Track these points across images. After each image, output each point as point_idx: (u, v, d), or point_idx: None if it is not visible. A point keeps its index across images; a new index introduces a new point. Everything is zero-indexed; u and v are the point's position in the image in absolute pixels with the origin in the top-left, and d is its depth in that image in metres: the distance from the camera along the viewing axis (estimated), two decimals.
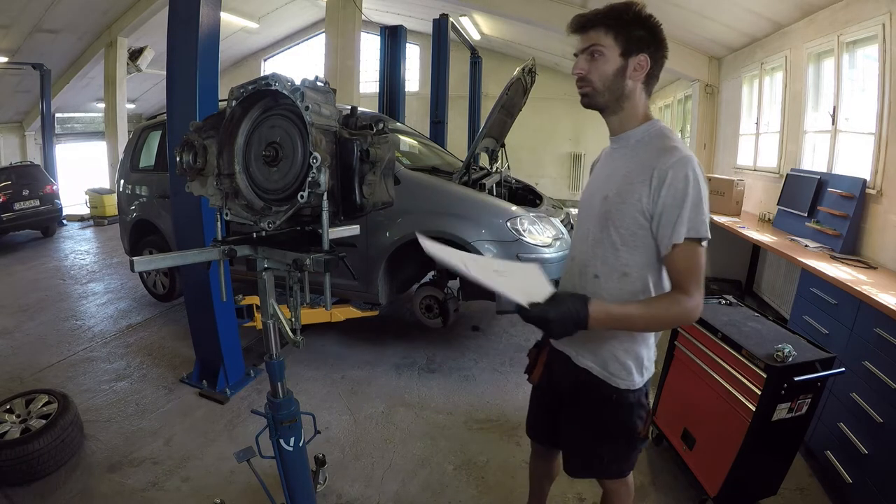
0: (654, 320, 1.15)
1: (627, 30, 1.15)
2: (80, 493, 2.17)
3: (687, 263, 1.11)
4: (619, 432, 1.34)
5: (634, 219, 1.16)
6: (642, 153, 1.18)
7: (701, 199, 1.09)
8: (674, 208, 1.09)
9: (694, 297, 1.11)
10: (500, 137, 4.24)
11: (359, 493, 2.20)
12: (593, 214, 1.26)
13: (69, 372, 3.27)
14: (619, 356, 1.27)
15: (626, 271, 1.20)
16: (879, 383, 1.96)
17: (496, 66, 10.41)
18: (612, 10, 1.16)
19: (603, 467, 1.41)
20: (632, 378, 1.29)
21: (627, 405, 1.31)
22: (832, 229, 3.32)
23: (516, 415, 2.83)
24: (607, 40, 1.15)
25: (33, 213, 7.23)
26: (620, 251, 1.20)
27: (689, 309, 1.11)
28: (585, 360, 1.32)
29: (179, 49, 2.72)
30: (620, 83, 1.18)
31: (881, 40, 3.08)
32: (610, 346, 1.27)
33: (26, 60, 8.27)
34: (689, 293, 1.11)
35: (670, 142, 1.15)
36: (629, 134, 1.23)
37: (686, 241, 1.09)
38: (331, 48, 7.13)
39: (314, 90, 1.26)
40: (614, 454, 1.37)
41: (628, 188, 1.16)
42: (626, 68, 1.16)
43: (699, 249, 1.11)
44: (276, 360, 1.55)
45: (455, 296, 3.62)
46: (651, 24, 1.17)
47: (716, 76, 6.21)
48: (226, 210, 1.43)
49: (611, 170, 1.26)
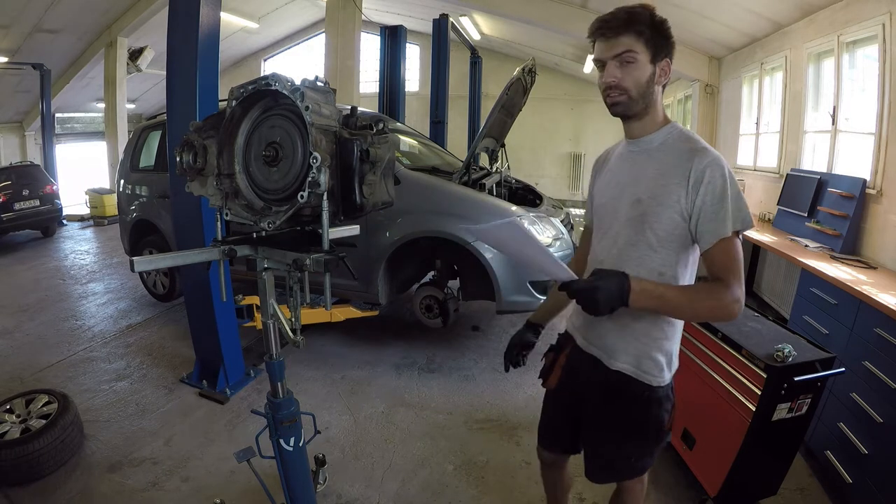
0: (692, 305, 1.13)
1: (654, 34, 1.14)
2: (80, 493, 2.17)
3: (729, 256, 1.12)
4: (648, 428, 1.33)
5: (672, 219, 1.16)
6: (672, 156, 1.18)
7: (739, 192, 1.13)
8: (717, 205, 1.11)
9: (735, 290, 1.10)
10: (500, 137, 4.24)
11: (359, 493, 2.20)
12: (621, 217, 1.25)
13: (69, 372, 3.27)
14: (652, 354, 1.27)
15: (662, 271, 1.21)
16: (879, 383, 1.96)
17: (496, 66, 10.41)
18: (641, 15, 1.14)
19: (628, 467, 1.40)
20: (663, 375, 1.30)
21: (657, 400, 1.31)
22: (832, 229, 3.32)
23: (516, 415, 2.83)
24: (639, 46, 1.13)
25: (33, 213, 7.23)
26: (658, 252, 1.20)
27: (729, 302, 1.10)
28: (618, 363, 1.30)
29: (179, 49, 2.72)
30: (651, 90, 1.18)
31: (881, 40, 3.08)
32: (643, 344, 1.27)
33: (26, 60, 8.27)
34: (731, 286, 1.10)
35: (699, 143, 1.17)
36: (651, 138, 1.23)
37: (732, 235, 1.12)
38: (331, 48, 7.14)
39: (314, 90, 1.26)
40: (641, 451, 1.36)
41: (663, 190, 1.16)
42: (656, 74, 1.17)
43: (738, 242, 1.13)
44: (276, 360, 1.55)
45: (455, 296, 3.62)
46: (667, 28, 1.17)
47: (716, 76, 6.21)
48: (226, 210, 1.43)
49: (635, 173, 1.25)
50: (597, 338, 1.35)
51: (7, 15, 7.16)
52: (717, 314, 1.14)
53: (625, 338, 1.28)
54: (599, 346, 1.34)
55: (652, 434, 1.34)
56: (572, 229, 3.83)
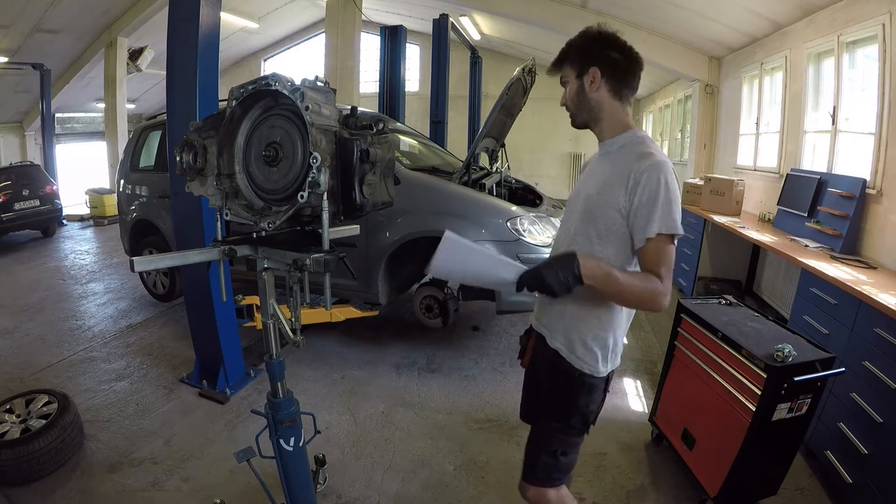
0: (631, 288, 1.21)
1: (575, 54, 1.32)
2: (80, 493, 2.17)
3: (658, 255, 1.22)
4: (573, 413, 1.40)
5: (611, 216, 1.27)
6: (622, 158, 1.29)
7: (671, 199, 1.20)
8: (648, 207, 1.20)
9: (664, 283, 1.21)
10: (500, 137, 4.24)
11: (359, 493, 2.20)
12: (576, 210, 1.38)
13: (69, 372, 3.27)
14: (587, 341, 1.35)
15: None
16: (879, 383, 1.96)
17: (496, 66, 10.42)
18: (566, 46, 1.35)
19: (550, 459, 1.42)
20: (596, 364, 1.36)
21: (587, 386, 1.38)
22: (832, 229, 3.32)
23: (516, 415, 2.79)
24: (566, 70, 1.35)
25: (33, 213, 7.24)
26: (595, 244, 1.30)
27: (659, 291, 1.20)
28: (556, 342, 1.40)
29: (179, 49, 2.71)
30: (584, 99, 1.33)
31: (881, 40, 3.08)
32: (579, 330, 1.36)
33: (26, 60, 8.27)
34: (661, 278, 1.21)
35: (647, 148, 1.26)
36: (612, 141, 1.35)
37: (658, 236, 1.20)
38: (331, 48, 7.14)
39: (314, 90, 1.26)
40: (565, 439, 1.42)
41: (608, 188, 1.28)
42: (584, 86, 1.31)
43: (670, 245, 1.22)
44: (276, 360, 1.55)
45: (455, 296, 3.62)
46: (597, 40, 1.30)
47: (716, 76, 6.21)
48: (226, 210, 1.43)
49: (596, 173, 1.38)
50: (542, 316, 1.47)
51: (7, 15, 7.16)
52: (650, 300, 1.22)
53: (562, 319, 1.38)
54: (544, 324, 1.46)
55: (576, 423, 1.40)
56: None
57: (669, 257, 1.22)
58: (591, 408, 1.41)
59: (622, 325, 1.38)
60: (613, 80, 1.30)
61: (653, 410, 2.57)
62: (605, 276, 1.19)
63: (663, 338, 2.37)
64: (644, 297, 1.21)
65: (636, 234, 1.23)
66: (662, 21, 5.58)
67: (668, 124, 8.90)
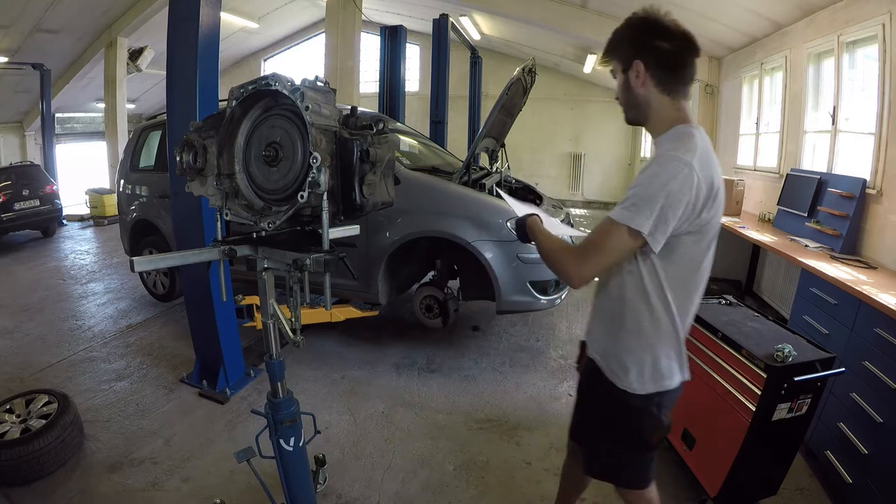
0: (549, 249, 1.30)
1: (620, 45, 1.24)
2: (80, 493, 2.17)
3: (597, 234, 1.20)
4: (620, 432, 1.34)
5: None
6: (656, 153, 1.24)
7: (649, 195, 1.11)
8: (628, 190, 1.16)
9: (580, 263, 1.19)
10: (500, 137, 4.24)
11: (359, 493, 2.20)
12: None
13: (69, 372, 3.27)
14: (619, 355, 1.31)
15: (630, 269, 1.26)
16: (879, 383, 1.96)
17: (496, 66, 10.40)
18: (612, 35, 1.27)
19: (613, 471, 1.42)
20: (629, 380, 1.28)
21: (627, 406, 1.30)
22: (832, 229, 3.32)
23: (516, 415, 2.83)
24: (614, 63, 1.27)
25: (33, 213, 7.23)
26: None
27: (569, 264, 1.21)
28: (594, 351, 1.39)
29: (179, 49, 2.72)
30: (631, 95, 1.25)
31: (881, 40, 3.08)
32: (614, 343, 1.32)
33: (26, 60, 8.26)
34: (580, 256, 1.20)
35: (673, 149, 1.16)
36: (660, 139, 1.26)
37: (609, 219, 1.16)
38: (331, 48, 7.14)
39: (314, 90, 1.26)
40: (619, 456, 1.37)
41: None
42: (629, 81, 1.23)
43: (615, 233, 1.15)
44: (276, 360, 1.55)
45: (455, 296, 3.62)
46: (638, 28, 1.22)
47: (716, 76, 6.21)
48: (226, 210, 1.43)
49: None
50: (588, 323, 1.47)
51: (7, 15, 7.15)
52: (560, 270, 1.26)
53: (601, 330, 1.38)
54: (588, 331, 1.46)
55: (626, 440, 1.35)
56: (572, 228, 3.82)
57: (602, 240, 1.17)
58: (638, 427, 1.32)
59: (665, 343, 1.27)
60: (661, 73, 1.19)
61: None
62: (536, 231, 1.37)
63: None
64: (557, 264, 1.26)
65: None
66: None
67: None
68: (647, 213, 1.11)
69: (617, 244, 1.15)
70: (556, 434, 2.62)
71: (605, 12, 6.09)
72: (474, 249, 3.18)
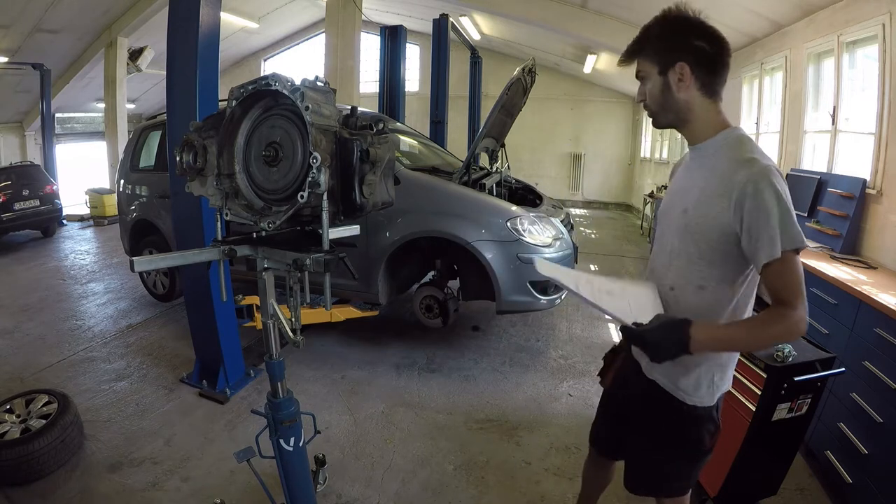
0: (758, 340, 1.12)
1: (658, 45, 1.15)
2: (80, 493, 2.17)
3: (787, 277, 1.06)
4: (685, 446, 1.30)
5: (713, 233, 1.13)
6: (719, 165, 1.14)
7: (788, 208, 1.06)
8: (764, 223, 1.04)
9: (798, 310, 1.05)
10: (500, 137, 4.24)
11: (359, 493, 2.20)
12: (672, 227, 1.24)
13: (69, 372, 3.27)
14: (691, 373, 1.24)
15: (703, 284, 1.18)
16: (879, 383, 1.96)
17: (496, 66, 10.41)
18: (643, 33, 1.18)
19: (665, 484, 1.38)
20: (699, 394, 1.25)
21: (696, 418, 1.27)
22: (832, 229, 3.32)
23: (516, 415, 2.83)
24: (646, 64, 1.18)
25: (33, 213, 7.23)
26: (697, 264, 1.17)
27: (794, 323, 1.05)
28: (654, 373, 1.30)
29: (179, 49, 2.72)
30: (670, 99, 1.16)
31: (881, 40, 3.07)
32: (683, 366, 1.22)
33: (26, 60, 8.27)
34: (794, 306, 1.05)
35: (747, 152, 1.11)
36: (706, 145, 1.19)
37: (783, 255, 1.04)
38: (331, 48, 7.14)
39: (314, 90, 1.26)
40: (677, 469, 1.34)
41: (707, 201, 1.13)
42: (669, 83, 1.15)
43: (796, 259, 1.06)
44: (276, 360, 1.55)
45: (455, 296, 3.62)
46: (679, 28, 1.14)
47: None
48: (226, 210, 1.43)
49: (689, 182, 1.23)
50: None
51: (7, 15, 7.16)
52: (786, 337, 1.12)
53: None
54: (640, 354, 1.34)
55: (688, 452, 1.31)
56: (572, 229, 3.83)
57: (798, 276, 1.06)
58: (704, 437, 1.28)
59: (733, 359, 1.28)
60: (704, 76, 1.13)
61: None
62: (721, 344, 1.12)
63: None
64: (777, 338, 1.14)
65: (755, 256, 1.07)
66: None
67: None
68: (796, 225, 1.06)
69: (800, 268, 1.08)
70: (556, 434, 2.62)
71: (605, 12, 6.09)
72: (474, 249, 3.18)
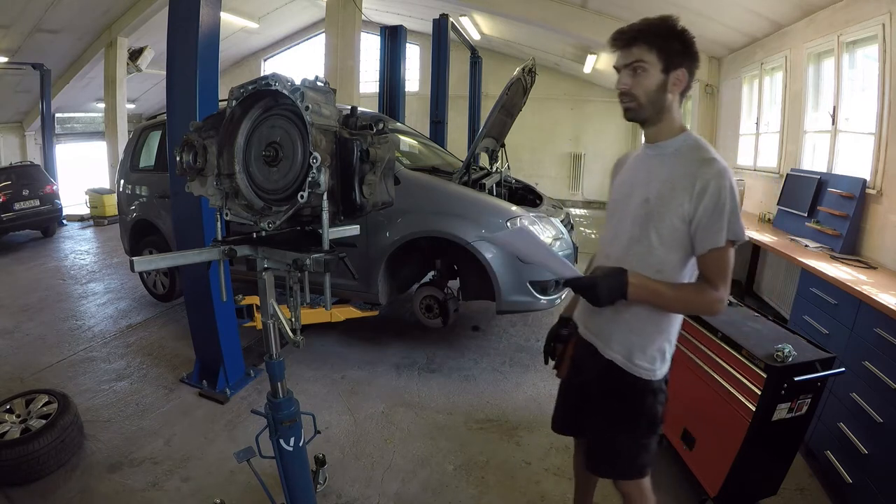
0: (681, 301, 1.27)
1: (668, 45, 1.20)
2: (80, 493, 2.17)
3: (720, 263, 1.22)
4: (639, 419, 1.39)
5: (674, 222, 1.24)
6: (682, 162, 1.25)
7: (737, 205, 1.19)
8: (715, 215, 1.18)
9: (720, 292, 1.22)
10: (500, 137, 4.24)
11: (359, 493, 2.20)
12: (631, 215, 1.33)
13: (69, 372, 3.27)
14: (646, 348, 1.35)
15: (661, 268, 1.28)
16: (879, 383, 1.96)
17: (496, 66, 10.40)
18: (654, 26, 1.21)
19: (620, 462, 1.43)
20: (653, 369, 1.36)
21: (651, 391, 1.37)
22: (832, 229, 3.32)
23: (516, 415, 2.83)
24: (650, 56, 1.20)
25: (33, 213, 7.23)
26: (658, 250, 1.27)
27: (713, 300, 1.22)
28: (611, 352, 1.38)
29: (179, 49, 2.72)
30: (662, 97, 1.24)
31: (881, 40, 3.08)
32: (638, 339, 1.35)
33: (26, 60, 8.27)
34: (717, 288, 1.22)
35: (709, 153, 1.23)
36: (667, 143, 1.29)
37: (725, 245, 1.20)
38: (331, 48, 7.13)
39: (314, 90, 1.26)
40: (635, 443, 1.41)
41: (670, 193, 1.24)
42: (667, 83, 1.22)
43: (731, 251, 1.22)
44: (276, 360, 1.55)
45: (455, 296, 3.62)
46: (687, 38, 1.22)
47: (716, 76, 6.21)
48: (226, 210, 1.43)
49: (648, 174, 1.31)
50: (594, 325, 1.44)
51: (7, 15, 7.15)
52: (704, 310, 1.30)
53: (619, 328, 1.36)
54: (596, 333, 1.43)
55: (644, 424, 1.40)
56: (572, 229, 3.83)
57: (728, 264, 1.22)
58: (658, 409, 1.39)
59: (677, 327, 1.38)
60: (686, 85, 1.25)
61: None
62: (652, 295, 1.25)
63: None
64: (696, 308, 1.28)
65: (699, 243, 1.22)
66: None
67: None
68: (740, 221, 1.20)
69: (733, 258, 1.24)
70: (557, 435, 2.62)
71: (605, 12, 6.09)
72: (474, 249, 3.18)
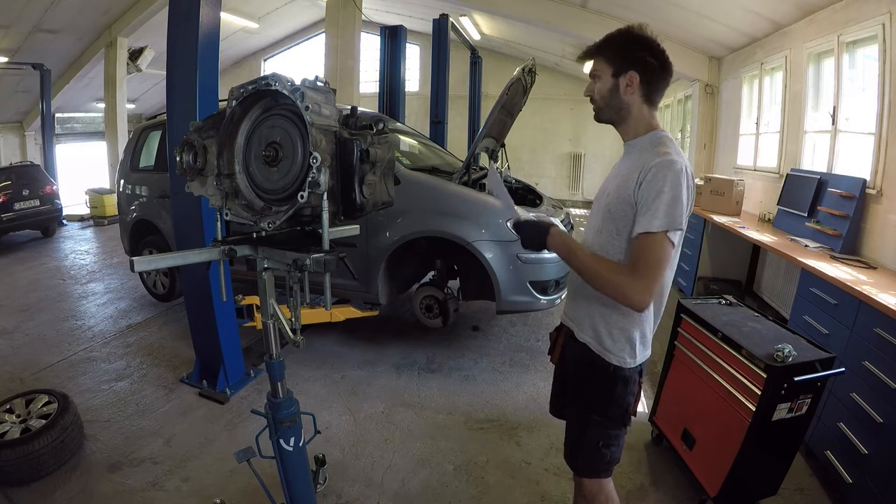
0: (591, 270, 1.29)
1: (616, 53, 1.33)
2: (80, 492, 2.17)
3: (646, 252, 1.22)
4: (609, 407, 1.41)
5: (626, 211, 1.29)
6: (641, 156, 1.31)
7: (678, 196, 1.20)
8: (651, 200, 1.21)
9: (636, 281, 1.21)
10: (500, 137, 4.24)
11: (359, 493, 2.20)
12: (600, 209, 1.42)
13: (69, 372, 3.27)
14: (613, 334, 1.38)
15: (620, 258, 1.32)
16: (879, 383, 1.96)
17: (496, 66, 10.41)
18: (608, 38, 1.35)
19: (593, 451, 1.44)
20: (623, 356, 1.38)
21: (621, 378, 1.39)
22: (832, 229, 3.32)
23: (516, 415, 2.83)
24: (601, 65, 1.35)
25: (33, 213, 7.23)
26: (616, 239, 1.33)
27: (626, 285, 1.22)
28: (584, 335, 1.43)
29: (179, 49, 2.71)
30: (616, 99, 1.35)
31: (881, 40, 3.08)
32: (606, 324, 1.39)
33: (26, 60, 8.26)
34: (636, 277, 1.21)
35: (664, 147, 1.28)
36: (636, 141, 1.38)
37: (651, 233, 1.20)
38: (331, 48, 7.13)
39: (314, 90, 1.26)
40: (605, 433, 1.43)
41: (624, 184, 1.30)
42: (619, 85, 1.33)
43: (665, 244, 1.21)
44: (276, 360, 1.55)
45: (455, 296, 3.62)
46: (641, 43, 1.31)
47: (716, 76, 6.21)
48: (226, 210, 1.43)
49: (617, 170, 1.42)
50: (570, 310, 1.51)
51: (7, 15, 7.15)
52: (614, 292, 1.25)
53: (589, 313, 1.42)
54: (572, 317, 1.49)
55: (614, 413, 1.42)
56: (572, 229, 3.83)
57: (654, 255, 1.21)
58: (628, 399, 1.42)
59: (649, 318, 1.39)
60: (647, 86, 1.32)
61: (653, 410, 2.57)
62: (567, 251, 1.33)
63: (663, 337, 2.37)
64: (606, 285, 1.26)
65: (636, 225, 1.24)
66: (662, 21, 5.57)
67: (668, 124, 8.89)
68: (679, 213, 1.21)
69: (667, 253, 1.22)
70: (557, 434, 2.62)
71: (604, 12, 6.09)
72: (474, 249, 3.18)
